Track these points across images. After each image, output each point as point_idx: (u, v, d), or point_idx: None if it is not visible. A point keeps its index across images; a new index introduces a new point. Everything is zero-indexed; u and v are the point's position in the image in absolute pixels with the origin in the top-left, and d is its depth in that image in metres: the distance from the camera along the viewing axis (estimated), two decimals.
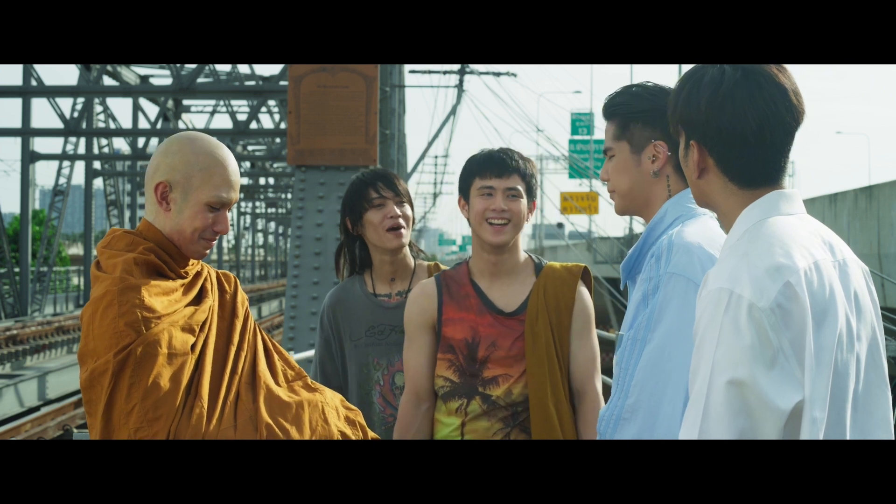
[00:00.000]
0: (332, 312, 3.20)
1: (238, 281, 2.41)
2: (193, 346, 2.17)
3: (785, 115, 1.64)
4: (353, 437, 2.37)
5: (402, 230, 3.13)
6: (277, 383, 2.32)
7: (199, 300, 2.25)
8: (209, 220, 2.23)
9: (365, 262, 3.24)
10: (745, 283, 1.53)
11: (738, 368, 1.50)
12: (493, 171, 2.80)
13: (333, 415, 2.35)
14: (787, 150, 1.67)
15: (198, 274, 2.29)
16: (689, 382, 1.60)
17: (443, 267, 3.16)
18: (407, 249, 3.21)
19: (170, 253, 2.23)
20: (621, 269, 2.21)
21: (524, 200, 2.82)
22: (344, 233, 3.24)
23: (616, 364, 2.04)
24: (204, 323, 2.21)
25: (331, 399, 2.39)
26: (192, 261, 2.29)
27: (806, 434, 1.52)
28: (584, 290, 2.88)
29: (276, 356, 2.37)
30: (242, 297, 2.37)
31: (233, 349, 2.25)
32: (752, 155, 1.65)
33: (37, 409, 15.17)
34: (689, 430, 1.54)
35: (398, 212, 3.13)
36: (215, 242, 2.26)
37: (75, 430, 5.00)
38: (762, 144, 1.64)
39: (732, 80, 1.64)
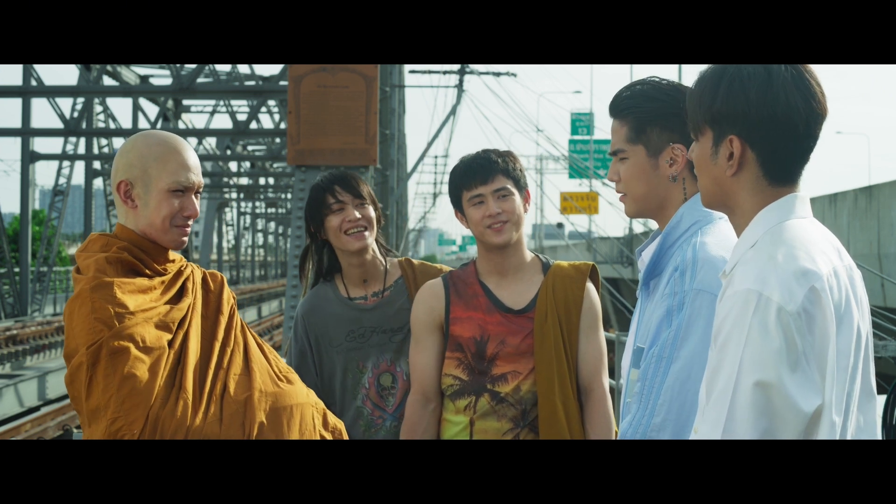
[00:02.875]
0: (305, 322, 3.12)
1: (225, 279, 2.43)
2: (172, 343, 2.20)
3: (824, 107, 1.66)
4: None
5: (364, 232, 3.04)
6: (278, 377, 2.34)
7: (177, 299, 2.28)
8: (175, 206, 2.27)
9: (333, 267, 3.16)
10: (773, 285, 1.53)
11: (766, 370, 1.50)
12: (477, 178, 2.81)
13: (320, 420, 2.40)
14: (816, 145, 1.68)
15: (179, 273, 2.32)
16: (707, 381, 1.59)
17: (415, 262, 3.12)
18: (375, 250, 3.12)
19: (145, 250, 2.26)
20: (641, 278, 2.14)
21: (516, 196, 2.83)
22: (310, 237, 3.16)
23: (640, 379, 1.99)
24: (182, 320, 2.24)
25: (321, 405, 2.43)
26: (173, 258, 2.32)
27: (823, 438, 1.52)
28: (592, 288, 2.89)
29: (267, 351, 2.40)
30: (228, 295, 2.39)
31: (217, 345, 2.28)
32: (797, 145, 1.65)
33: (37, 409, 15.18)
34: (711, 430, 1.54)
35: (357, 214, 3.04)
36: (189, 229, 2.30)
37: (75, 430, 5.01)
38: (809, 135, 1.65)
39: (779, 71, 1.64)
